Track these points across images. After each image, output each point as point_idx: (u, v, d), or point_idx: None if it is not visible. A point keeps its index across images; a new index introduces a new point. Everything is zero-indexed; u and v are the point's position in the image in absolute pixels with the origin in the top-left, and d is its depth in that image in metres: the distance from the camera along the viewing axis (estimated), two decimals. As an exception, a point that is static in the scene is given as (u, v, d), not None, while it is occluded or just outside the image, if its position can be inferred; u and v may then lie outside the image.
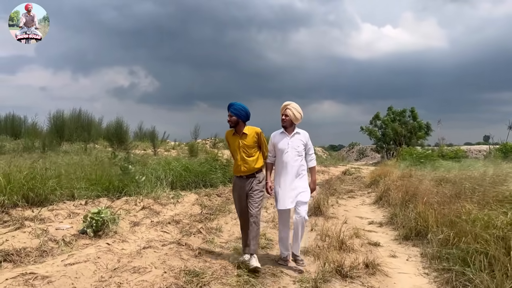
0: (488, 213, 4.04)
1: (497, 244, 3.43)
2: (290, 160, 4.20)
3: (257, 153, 4.26)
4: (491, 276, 3.21)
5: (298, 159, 4.22)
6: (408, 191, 6.70)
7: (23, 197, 5.46)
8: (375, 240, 5.26)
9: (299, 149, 4.24)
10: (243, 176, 4.22)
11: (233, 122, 4.19)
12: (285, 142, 4.25)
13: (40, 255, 3.93)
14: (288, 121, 4.26)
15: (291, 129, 4.31)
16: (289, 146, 4.23)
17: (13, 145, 12.63)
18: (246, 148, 4.19)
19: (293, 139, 4.26)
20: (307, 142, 4.33)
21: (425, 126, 32.64)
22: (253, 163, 4.19)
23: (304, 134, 4.33)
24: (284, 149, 4.23)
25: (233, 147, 4.32)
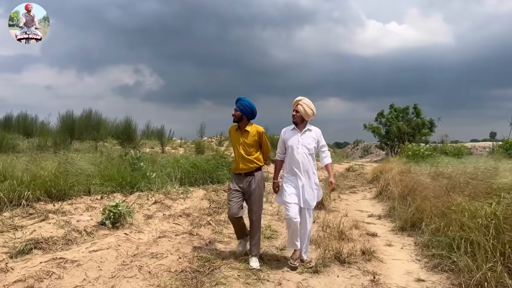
0: (475, 204, 4.39)
1: (480, 231, 3.78)
2: (300, 157, 4.07)
3: (256, 153, 4.20)
4: (473, 259, 3.58)
5: (309, 157, 4.10)
6: (407, 186, 7.05)
7: (46, 192, 5.88)
8: (373, 231, 5.63)
9: (310, 147, 4.10)
10: (242, 174, 4.19)
11: (237, 117, 4.15)
12: (296, 139, 4.14)
13: (66, 243, 4.33)
14: (299, 117, 4.13)
15: (302, 126, 4.17)
16: (300, 143, 4.10)
17: (26, 144, 13.08)
18: (245, 145, 4.15)
19: (304, 136, 4.14)
20: (319, 139, 4.19)
21: (428, 122, 32.91)
22: (252, 161, 4.14)
23: (316, 131, 4.20)
24: (294, 146, 4.11)
25: (233, 143, 4.33)
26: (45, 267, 3.43)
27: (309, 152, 4.10)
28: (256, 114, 4.21)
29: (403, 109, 34.11)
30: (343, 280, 3.80)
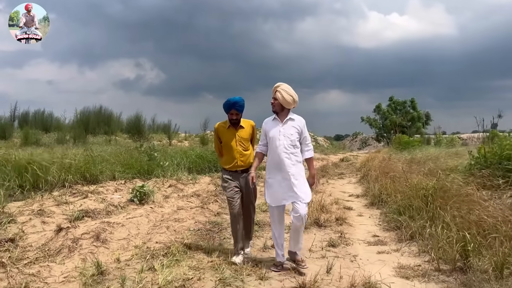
0: (422, 180, 5.68)
1: (421, 199, 5.08)
2: (282, 150, 3.69)
3: (251, 147, 4.22)
4: (412, 219, 4.87)
5: (292, 149, 3.72)
6: (383, 170, 8.34)
7: (82, 177, 7.17)
8: (349, 206, 6.93)
9: (293, 138, 3.72)
10: (238, 171, 4.11)
11: (239, 119, 4.11)
12: (277, 129, 3.76)
13: (107, 213, 5.61)
14: (278, 105, 3.78)
15: (283, 115, 3.81)
16: (281, 133, 3.72)
17: (46, 138, 14.36)
18: (243, 141, 4.09)
19: (285, 126, 3.76)
20: (302, 129, 3.81)
21: (424, 116, 34.21)
22: (249, 156, 4.14)
23: (299, 120, 3.82)
24: (275, 137, 3.73)
25: (228, 142, 4.13)
26: (99, 226, 4.72)
27: (291, 143, 3.72)
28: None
29: (401, 102, 35.38)
30: (318, 236, 5.08)
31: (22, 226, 4.50)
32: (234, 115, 4.06)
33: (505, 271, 3.30)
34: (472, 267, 3.48)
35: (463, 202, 4.41)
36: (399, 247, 4.54)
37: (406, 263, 3.97)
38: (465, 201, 4.41)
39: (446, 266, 3.72)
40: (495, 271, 3.30)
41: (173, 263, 3.75)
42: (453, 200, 4.57)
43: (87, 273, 3.44)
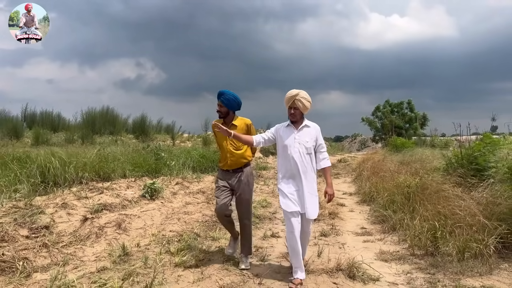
0: (406, 178, 6.31)
1: (404, 196, 5.70)
2: (297, 157, 3.52)
3: (245, 146, 4.02)
4: (395, 213, 5.50)
5: (307, 157, 3.55)
6: (374, 171, 8.96)
7: (96, 174, 7.79)
8: (342, 202, 7.55)
9: (308, 145, 3.55)
10: (230, 170, 4.02)
11: (224, 113, 3.96)
12: (292, 137, 3.59)
13: (122, 207, 6.22)
14: (299, 114, 3.63)
15: (299, 122, 3.66)
16: (296, 141, 3.56)
17: (55, 138, 14.98)
18: (234, 140, 3.92)
19: (301, 134, 3.60)
20: (317, 137, 3.65)
21: (421, 117, 34.79)
22: (241, 156, 3.99)
23: (315, 128, 3.67)
24: (290, 145, 3.56)
25: (221, 140, 4.05)
26: (119, 217, 5.35)
27: (307, 152, 3.55)
28: (241, 105, 4.04)
29: (397, 104, 35.96)
30: (312, 228, 5.68)
31: (51, 216, 5.13)
32: (218, 106, 3.96)
33: (466, 254, 3.93)
34: (440, 251, 4.11)
35: (438, 198, 5.03)
36: (383, 237, 5.17)
37: (386, 249, 4.60)
38: (440, 196, 5.03)
39: (419, 251, 4.35)
40: (458, 254, 3.93)
41: (186, 247, 4.37)
42: (430, 196, 5.20)
43: (114, 254, 4.07)
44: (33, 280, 3.40)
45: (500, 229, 4.01)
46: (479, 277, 3.58)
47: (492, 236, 3.96)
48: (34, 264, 3.69)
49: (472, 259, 3.89)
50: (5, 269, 3.48)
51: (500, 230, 4.01)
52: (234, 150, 3.98)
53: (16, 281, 3.34)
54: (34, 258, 3.78)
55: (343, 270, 3.85)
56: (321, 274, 3.81)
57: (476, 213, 4.30)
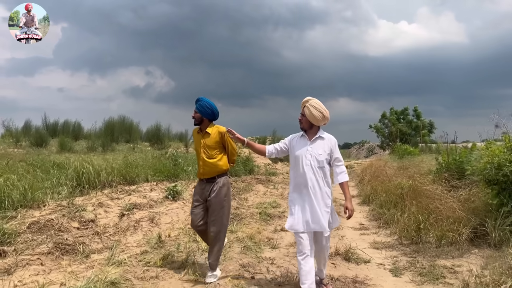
0: (401, 181, 7.11)
1: (398, 196, 6.50)
2: (309, 170, 3.34)
3: (220, 155, 3.88)
4: (389, 211, 6.30)
5: (319, 171, 3.36)
6: (375, 175, 9.76)
7: (123, 178, 8.69)
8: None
9: (321, 158, 3.36)
10: (203, 180, 3.91)
11: (197, 119, 3.88)
12: (304, 148, 3.42)
13: (150, 206, 7.09)
14: (306, 122, 3.45)
15: (312, 132, 3.47)
16: (308, 152, 3.39)
17: (77, 146, 15.98)
18: (207, 148, 3.83)
19: (314, 146, 3.41)
20: (332, 149, 3.43)
21: (428, 124, 35.36)
22: (214, 165, 3.84)
23: (330, 140, 3.46)
24: (302, 156, 3.40)
25: (196, 146, 4.00)
26: (149, 214, 6.22)
27: (319, 165, 3.36)
28: (218, 114, 3.94)
29: (401, 111, 36.59)
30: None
31: (93, 213, 6.01)
32: (193, 112, 3.89)
33: (443, 241, 4.73)
34: (422, 240, 4.91)
35: (425, 197, 5.83)
36: (377, 231, 5.98)
37: (379, 240, 5.41)
38: (426, 195, 5.82)
39: (406, 241, 5.16)
40: (436, 242, 4.74)
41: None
42: (419, 195, 6.00)
43: (152, 241, 4.94)
44: (92, 259, 4.28)
45: (473, 221, 4.81)
46: (451, 259, 4.38)
47: (466, 227, 4.76)
48: (90, 247, 4.57)
49: (448, 245, 4.69)
50: (69, 250, 4.36)
51: (472, 222, 4.80)
52: (206, 159, 3.85)
53: (79, 260, 4.22)
54: (89, 243, 4.67)
55: (340, 254, 4.68)
56: (322, 257, 4.63)
57: (454, 208, 5.10)
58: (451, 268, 4.11)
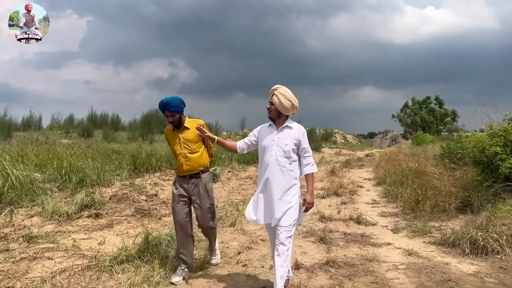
0: (409, 165, 8.28)
1: (405, 176, 7.70)
2: (274, 161, 3.19)
3: (201, 149, 3.81)
4: (397, 188, 7.50)
5: (285, 161, 3.20)
6: (389, 160, 10.91)
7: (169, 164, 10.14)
8: (361, 184, 9.57)
9: (287, 148, 3.21)
10: (186, 176, 3.78)
11: (177, 120, 3.73)
12: (270, 138, 3.28)
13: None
14: (274, 111, 3.27)
15: (280, 122, 3.31)
16: (274, 142, 3.23)
17: (119, 136, 17.63)
18: (188, 143, 3.73)
19: (280, 135, 3.26)
20: (300, 140, 3.27)
21: (451, 112, 35.66)
22: (197, 160, 3.75)
23: (298, 129, 3.30)
24: (268, 147, 3.26)
25: (173, 145, 3.83)
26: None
27: (284, 155, 3.20)
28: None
29: (423, 100, 36.98)
30: (336, 200, 7.78)
31: (153, 190, 7.45)
32: (170, 117, 3.71)
33: (435, 209, 5.94)
34: (419, 209, 6.14)
35: (426, 176, 7.00)
36: (386, 204, 7.22)
37: (386, 210, 6.67)
38: (428, 175, 7.00)
39: (408, 211, 6.38)
40: (431, 210, 5.95)
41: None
42: (421, 175, 7.18)
43: (205, 209, 6.33)
44: (164, 220, 5.70)
45: (461, 194, 5.99)
46: (440, 222, 5.60)
47: (456, 199, 5.95)
48: (161, 212, 6.00)
49: (440, 213, 5.90)
50: (146, 214, 5.80)
51: (461, 195, 5.98)
52: (189, 154, 3.74)
53: (154, 220, 5.65)
54: (159, 209, 6.10)
55: (353, 219, 5.96)
56: (338, 221, 5.93)
57: (448, 185, 6.28)
58: (438, 227, 5.34)
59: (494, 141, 5.67)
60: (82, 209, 5.73)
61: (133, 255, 3.97)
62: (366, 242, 4.96)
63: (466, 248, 4.33)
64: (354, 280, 3.63)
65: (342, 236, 5.18)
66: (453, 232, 4.72)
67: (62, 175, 6.97)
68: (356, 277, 3.72)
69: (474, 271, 3.86)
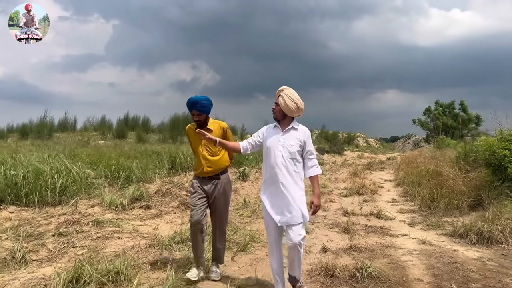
0: (427, 167, 8.85)
1: (422, 177, 8.28)
2: (280, 162, 3.22)
3: (222, 151, 3.82)
4: (414, 188, 8.09)
5: (291, 162, 3.23)
6: (409, 163, 11.47)
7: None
8: (381, 185, 10.17)
9: (293, 150, 3.25)
10: (206, 177, 3.80)
11: (203, 120, 3.72)
12: (276, 138, 3.31)
13: (228, 184, 9.30)
14: (279, 112, 3.33)
15: (285, 123, 3.35)
16: (280, 143, 3.27)
17: (150, 138, 18.64)
18: (209, 145, 3.74)
19: (286, 136, 3.30)
20: (306, 141, 3.32)
21: (475, 118, 35.55)
22: (217, 162, 3.78)
23: (303, 131, 3.35)
24: (273, 147, 3.28)
25: (196, 146, 3.86)
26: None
27: (290, 156, 3.25)
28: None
29: (448, 104, 36.95)
30: (358, 199, 8.41)
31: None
32: (196, 116, 3.70)
33: (449, 206, 6.54)
34: (435, 206, 6.74)
35: (442, 177, 7.57)
36: (405, 203, 7.83)
37: (404, 208, 7.29)
38: (444, 176, 7.57)
39: (424, 208, 6.98)
40: (445, 207, 6.55)
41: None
42: (438, 176, 7.76)
43: (239, 204, 7.08)
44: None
45: (473, 193, 6.56)
46: (453, 217, 6.20)
47: (468, 197, 6.52)
48: (201, 205, 6.77)
49: (453, 209, 6.49)
50: (189, 207, 6.58)
51: (473, 194, 6.56)
52: (209, 157, 3.76)
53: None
54: (200, 202, 6.88)
55: (373, 214, 6.61)
56: (360, 215, 6.60)
57: (461, 184, 6.86)
58: (450, 222, 5.94)
59: (503, 145, 6.24)
60: (133, 201, 6.57)
61: (187, 237, 4.74)
62: (385, 233, 5.61)
63: (473, 239, 4.95)
64: (373, 261, 4.27)
65: (364, 228, 5.84)
66: (462, 225, 5.33)
67: (112, 172, 7.88)
68: (375, 259, 4.38)
69: (478, 257, 4.47)
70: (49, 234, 4.76)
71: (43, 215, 5.58)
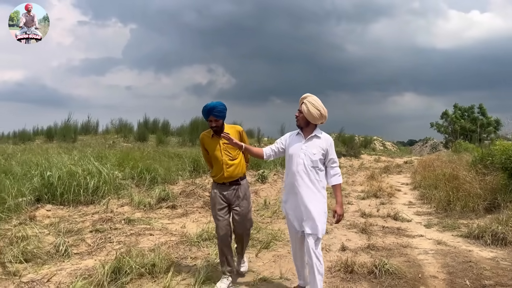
0: (444, 170, 9.00)
1: (439, 181, 8.44)
2: (301, 169, 3.24)
3: (240, 155, 3.85)
4: (431, 191, 8.26)
5: (312, 170, 3.25)
6: (426, 166, 11.59)
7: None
8: (398, 188, 10.33)
9: (315, 158, 3.25)
10: (226, 183, 3.80)
11: (220, 126, 3.72)
12: (298, 146, 3.32)
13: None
14: (302, 119, 3.34)
15: (308, 130, 3.37)
16: (302, 151, 3.28)
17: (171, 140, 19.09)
18: (228, 149, 3.74)
19: (308, 144, 3.31)
20: (328, 150, 3.32)
21: (494, 122, 35.18)
22: (237, 166, 3.80)
23: (326, 139, 3.35)
24: (295, 155, 3.30)
25: (213, 152, 3.80)
26: (252, 189, 8.69)
27: (312, 165, 3.25)
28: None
29: (467, 108, 36.65)
30: (375, 202, 8.61)
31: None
32: (214, 122, 3.69)
33: (465, 209, 6.71)
34: (451, 208, 6.91)
35: (458, 181, 7.73)
36: (421, 205, 8.00)
37: (421, 210, 7.47)
38: (461, 180, 7.72)
39: (440, 211, 7.16)
40: (461, 209, 6.72)
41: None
42: (454, 179, 7.91)
43: (260, 204, 7.37)
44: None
45: (490, 197, 6.71)
46: (469, 220, 6.37)
47: (484, 201, 6.68)
48: (224, 205, 7.09)
49: (469, 212, 6.65)
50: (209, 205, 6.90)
51: (489, 197, 6.71)
52: (230, 161, 3.76)
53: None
54: (223, 203, 7.19)
55: (391, 216, 6.82)
56: (377, 217, 6.82)
57: (477, 188, 7.02)
58: (466, 224, 6.12)
59: (518, 149, 6.40)
60: (160, 201, 6.93)
61: (213, 235, 5.06)
62: (402, 234, 5.83)
63: (488, 240, 5.14)
64: (391, 259, 4.50)
65: (381, 229, 6.06)
66: (477, 227, 5.51)
67: (138, 173, 8.26)
68: (392, 257, 4.60)
69: (492, 257, 4.67)
70: (87, 230, 5.14)
71: (78, 213, 5.98)
